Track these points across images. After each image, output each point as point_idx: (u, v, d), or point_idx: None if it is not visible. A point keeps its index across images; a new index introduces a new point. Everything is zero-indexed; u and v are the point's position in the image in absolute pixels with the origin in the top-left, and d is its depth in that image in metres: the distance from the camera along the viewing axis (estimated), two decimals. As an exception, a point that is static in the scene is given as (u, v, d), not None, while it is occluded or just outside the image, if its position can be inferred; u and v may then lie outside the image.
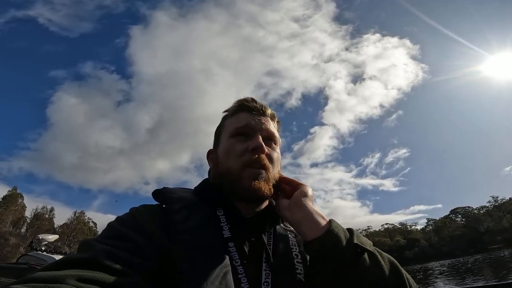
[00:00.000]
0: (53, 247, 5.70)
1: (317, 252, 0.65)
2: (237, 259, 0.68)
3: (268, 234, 0.80)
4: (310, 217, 0.70)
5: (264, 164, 0.79)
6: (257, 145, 0.79)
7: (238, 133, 0.84)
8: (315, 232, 0.67)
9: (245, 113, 0.87)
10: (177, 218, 0.71)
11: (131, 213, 0.73)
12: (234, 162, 0.80)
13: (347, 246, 0.62)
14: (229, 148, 0.83)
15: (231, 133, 0.85)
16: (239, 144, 0.82)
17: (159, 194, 0.80)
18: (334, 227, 0.66)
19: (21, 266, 4.69)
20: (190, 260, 0.62)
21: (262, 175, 0.78)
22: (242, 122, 0.85)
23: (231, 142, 0.83)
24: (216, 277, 0.61)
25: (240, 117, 0.87)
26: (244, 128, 0.84)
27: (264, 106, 0.90)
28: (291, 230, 0.85)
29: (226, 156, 0.82)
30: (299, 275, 0.73)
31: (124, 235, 0.63)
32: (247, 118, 0.86)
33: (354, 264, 0.61)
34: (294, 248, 0.79)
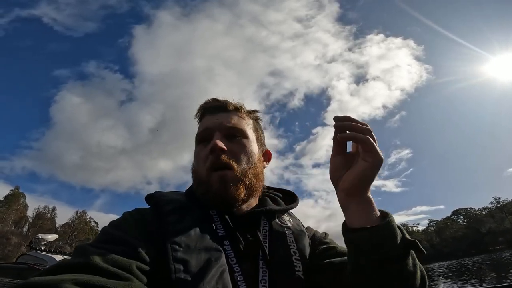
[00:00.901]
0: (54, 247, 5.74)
1: (365, 243, 0.60)
2: (233, 257, 0.68)
3: (263, 231, 0.78)
4: (369, 201, 0.65)
5: (226, 163, 0.77)
6: (212, 146, 0.77)
7: (200, 139, 0.84)
8: (368, 220, 0.62)
9: (207, 115, 0.87)
10: (170, 220, 0.71)
11: (124, 217, 0.73)
12: (201, 169, 0.80)
13: (402, 242, 0.60)
14: (196, 156, 0.84)
15: (196, 140, 0.86)
16: (203, 149, 0.82)
17: (151, 198, 0.80)
18: (392, 219, 0.62)
19: (20, 265, 4.71)
20: (185, 261, 0.62)
21: (227, 177, 0.76)
22: (202, 127, 0.85)
23: (197, 150, 0.84)
24: (212, 276, 0.61)
25: (203, 121, 0.87)
26: (204, 132, 0.84)
27: (226, 102, 0.88)
28: (288, 227, 0.83)
29: (196, 164, 0.83)
30: (298, 272, 0.71)
31: (118, 238, 0.63)
32: (207, 120, 0.85)
33: (401, 260, 0.59)
34: (292, 245, 0.78)
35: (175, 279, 0.58)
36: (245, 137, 0.85)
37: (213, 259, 0.64)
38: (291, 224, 0.86)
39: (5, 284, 3.96)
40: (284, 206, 0.88)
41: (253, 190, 0.81)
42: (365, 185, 0.65)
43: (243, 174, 0.79)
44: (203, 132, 0.84)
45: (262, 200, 0.87)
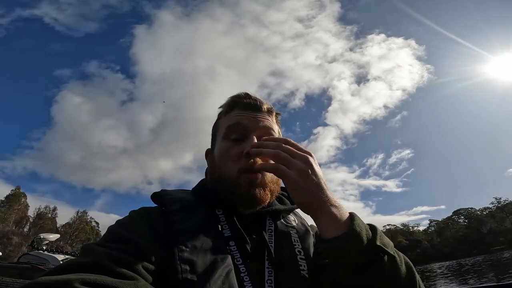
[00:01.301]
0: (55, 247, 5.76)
1: (335, 251, 0.60)
2: (238, 257, 0.67)
3: (269, 231, 0.78)
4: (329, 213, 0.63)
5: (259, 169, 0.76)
6: (249, 151, 0.76)
7: (231, 134, 0.81)
8: (334, 229, 0.61)
9: (238, 110, 0.84)
10: (176, 219, 0.71)
11: (131, 216, 0.73)
12: (230, 168, 0.78)
13: (368, 248, 0.58)
14: (223, 152, 0.81)
15: (224, 134, 0.83)
16: (233, 147, 0.80)
17: (157, 197, 0.79)
18: (357, 226, 0.60)
19: (22, 265, 4.74)
20: (192, 261, 0.61)
21: (258, 180, 0.76)
22: (234, 121, 0.82)
23: (225, 145, 0.81)
24: (218, 276, 0.60)
25: (233, 115, 0.84)
26: (236, 128, 0.81)
27: (259, 101, 0.86)
28: (293, 226, 0.84)
29: (221, 160, 0.81)
30: (302, 272, 0.71)
31: (125, 238, 0.63)
32: (240, 116, 0.83)
33: (372, 265, 0.58)
34: (296, 244, 0.78)
35: (182, 279, 0.58)
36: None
37: (219, 259, 0.64)
38: (296, 223, 0.86)
39: (8, 284, 4.00)
40: (290, 206, 0.88)
41: (274, 195, 0.81)
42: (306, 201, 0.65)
43: (270, 181, 0.79)
44: (236, 128, 0.81)
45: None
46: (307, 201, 0.64)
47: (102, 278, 0.48)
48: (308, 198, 0.64)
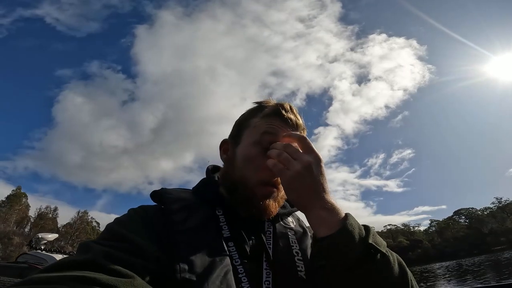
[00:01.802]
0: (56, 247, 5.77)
1: (327, 250, 0.60)
2: (237, 258, 0.68)
3: (267, 233, 0.79)
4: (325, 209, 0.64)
5: (277, 184, 0.77)
6: (269, 177, 0.76)
7: (264, 142, 0.78)
8: (327, 229, 0.62)
9: (277, 120, 0.81)
10: (176, 219, 0.71)
11: (129, 214, 0.73)
12: (250, 174, 0.77)
13: (360, 246, 0.59)
14: (249, 157, 0.79)
15: (256, 140, 0.80)
16: (261, 156, 0.77)
17: (157, 195, 0.79)
18: (349, 225, 0.61)
19: (20, 265, 4.74)
20: (190, 261, 0.62)
21: (274, 194, 0.77)
22: (273, 132, 0.79)
23: (253, 151, 0.79)
24: (217, 276, 0.61)
25: (271, 123, 0.81)
26: (270, 138, 0.78)
27: (298, 119, 0.85)
28: (291, 228, 0.85)
29: (244, 163, 0.79)
30: (300, 273, 0.72)
31: (122, 236, 0.62)
32: (279, 129, 0.80)
33: (364, 264, 0.58)
34: (294, 245, 0.78)
35: (180, 279, 0.58)
36: None
37: (218, 259, 0.64)
38: (294, 225, 0.87)
39: (6, 283, 4.01)
40: (290, 209, 0.89)
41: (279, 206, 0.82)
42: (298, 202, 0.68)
43: (281, 197, 0.80)
44: (270, 138, 0.78)
45: None
46: (300, 202, 0.67)
47: (98, 276, 0.48)
48: (301, 199, 0.66)
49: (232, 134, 0.88)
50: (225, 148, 0.89)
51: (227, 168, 0.85)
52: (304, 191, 0.65)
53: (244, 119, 0.88)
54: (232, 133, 0.89)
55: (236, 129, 0.88)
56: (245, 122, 0.86)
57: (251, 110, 0.88)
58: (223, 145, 0.90)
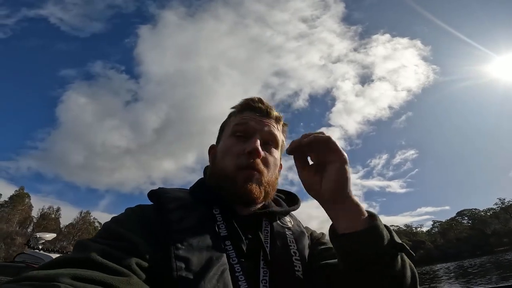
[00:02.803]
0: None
1: (351, 247, 0.61)
2: (234, 257, 0.68)
3: (265, 232, 0.79)
4: (355, 205, 0.66)
5: (258, 168, 0.79)
6: (252, 149, 0.78)
7: (237, 132, 0.84)
8: (353, 224, 0.63)
9: (248, 112, 0.87)
10: (173, 218, 0.71)
11: (126, 213, 0.73)
12: (229, 163, 0.80)
13: (389, 246, 0.60)
14: (227, 148, 0.83)
15: (231, 132, 0.85)
16: (237, 144, 0.82)
17: (154, 195, 0.80)
18: (379, 223, 0.62)
19: (18, 264, 4.76)
20: (187, 259, 0.62)
21: (255, 177, 0.78)
22: (243, 121, 0.85)
23: (230, 142, 0.84)
24: (213, 275, 0.61)
25: (243, 116, 0.86)
26: (243, 127, 0.84)
27: (270, 108, 0.89)
28: (288, 228, 0.85)
29: (223, 155, 0.83)
30: (297, 272, 0.72)
31: (119, 234, 0.63)
32: (249, 118, 0.85)
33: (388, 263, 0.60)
34: (292, 245, 0.79)
35: (177, 277, 0.59)
36: (277, 148, 0.88)
37: (215, 258, 0.65)
38: (292, 224, 0.87)
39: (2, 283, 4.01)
40: (286, 208, 0.90)
41: (268, 196, 0.83)
42: (344, 187, 0.66)
43: (266, 181, 0.81)
44: (244, 127, 0.84)
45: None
46: (340, 192, 0.66)
47: (94, 274, 0.48)
48: (341, 189, 0.66)
49: (217, 138, 0.93)
50: (212, 152, 0.92)
51: (211, 168, 0.88)
52: (346, 182, 0.66)
53: (223, 123, 0.94)
54: (217, 137, 0.93)
55: (219, 132, 0.93)
56: (223, 125, 0.93)
57: (229, 113, 0.93)
58: (211, 150, 0.93)
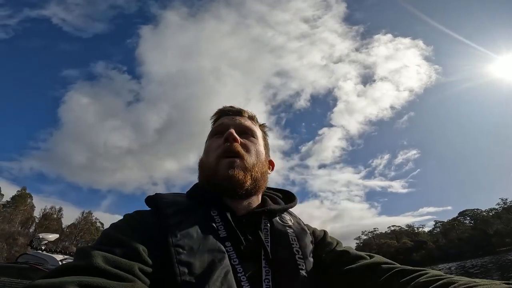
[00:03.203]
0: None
1: None
2: (235, 258, 0.68)
3: (264, 230, 0.79)
4: None
5: (238, 151, 0.83)
6: (227, 135, 0.84)
7: (215, 132, 0.91)
8: None
9: (223, 117, 0.96)
10: (172, 222, 0.71)
11: (125, 219, 0.73)
12: (211, 157, 0.85)
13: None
14: (208, 147, 0.90)
15: (210, 135, 0.93)
16: (216, 141, 0.88)
17: (151, 200, 0.80)
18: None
19: (21, 265, 4.77)
20: (189, 263, 0.62)
21: (236, 163, 0.81)
22: (219, 124, 0.94)
23: (210, 142, 0.91)
24: (217, 278, 0.61)
25: (217, 121, 0.96)
26: (219, 127, 0.92)
27: (242, 109, 0.98)
28: (289, 225, 0.85)
29: (206, 154, 0.89)
30: (301, 271, 0.72)
31: (119, 240, 0.63)
32: (223, 120, 0.94)
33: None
34: (294, 243, 0.79)
35: (181, 282, 0.59)
36: (255, 138, 0.93)
37: (217, 260, 0.65)
38: (292, 222, 0.88)
39: (6, 284, 4.03)
40: (284, 205, 0.91)
41: (257, 184, 0.84)
42: None
43: (251, 165, 0.83)
44: (219, 127, 0.92)
45: (263, 200, 0.89)
46: None
47: (99, 281, 0.49)
48: None
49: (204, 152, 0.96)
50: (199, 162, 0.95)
51: (200, 171, 0.91)
52: None
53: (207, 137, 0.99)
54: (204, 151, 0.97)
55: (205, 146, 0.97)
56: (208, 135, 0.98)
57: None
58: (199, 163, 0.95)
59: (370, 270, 0.73)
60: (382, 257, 0.78)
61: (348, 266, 0.76)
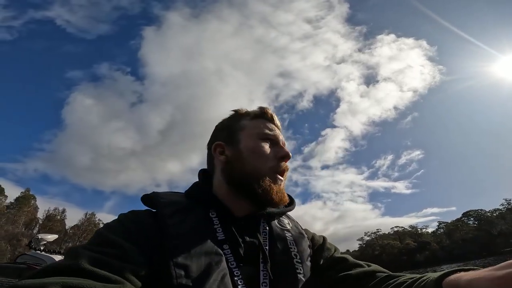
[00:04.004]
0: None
1: None
2: (232, 261, 0.67)
3: (263, 234, 0.79)
4: None
5: (285, 174, 0.86)
6: (287, 154, 0.85)
7: (266, 138, 0.87)
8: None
9: (267, 121, 0.92)
10: (170, 223, 0.70)
11: (120, 220, 0.71)
12: (262, 164, 0.82)
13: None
14: (258, 150, 0.84)
15: (259, 135, 0.87)
16: (269, 149, 0.85)
17: (148, 199, 0.79)
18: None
19: (19, 265, 4.80)
20: (186, 265, 0.61)
21: (279, 182, 0.83)
22: (269, 129, 0.89)
23: (261, 145, 0.85)
24: (214, 281, 0.60)
25: (264, 123, 0.90)
26: (272, 135, 0.88)
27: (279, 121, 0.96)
28: (288, 229, 0.85)
29: (254, 156, 0.83)
30: (299, 275, 0.72)
31: (112, 241, 0.61)
32: (272, 127, 0.91)
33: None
34: (292, 247, 0.79)
35: (177, 284, 0.58)
36: None
37: (214, 263, 0.64)
38: (290, 226, 0.88)
39: (4, 284, 4.05)
40: (283, 209, 0.90)
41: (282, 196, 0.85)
42: None
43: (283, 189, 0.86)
44: (270, 134, 0.88)
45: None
46: None
47: (85, 282, 0.47)
48: None
49: (223, 137, 0.91)
50: (220, 150, 0.90)
51: (231, 166, 0.85)
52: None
53: (232, 124, 0.93)
54: (222, 137, 0.92)
55: (226, 133, 0.92)
56: (235, 125, 0.92)
57: (236, 115, 0.95)
58: (217, 148, 0.90)
59: (368, 277, 0.74)
60: (379, 266, 0.80)
61: (346, 272, 0.77)
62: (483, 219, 75.61)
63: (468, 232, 74.58)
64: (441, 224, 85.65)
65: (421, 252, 73.39)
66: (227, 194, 0.82)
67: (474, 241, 69.52)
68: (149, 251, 0.63)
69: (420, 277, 0.62)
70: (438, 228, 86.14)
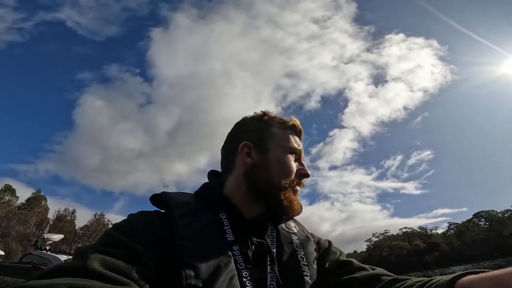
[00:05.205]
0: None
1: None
2: (241, 262, 0.68)
3: (271, 236, 0.80)
4: None
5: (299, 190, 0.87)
6: (308, 175, 0.88)
7: (292, 151, 0.88)
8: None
9: (294, 135, 0.92)
10: (179, 224, 0.70)
11: (129, 220, 0.71)
12: (287, 177, 0.83)
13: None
14: (286, 164, 0.85)
15: (289, 149, 0.88)
16: (295, 163, 0.87)
17: (159, 199, 0.79)
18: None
19: (25, 265, 4.89)
20: (195, 266, 0.61)
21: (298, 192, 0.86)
22: (297, 144, 0.91)
23: (289, 159, 0.87)
24: (222, 282, 0.61)
25: (293, 137, 0.91)
26: (298, 151, 0.90)
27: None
28: (294, 232, 0.87)
29: (281, 168, 0.84)
30: (306, 277, 0.73)
31: (120, 242, 0.61)
32: (299, 142, 0.92)
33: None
34: (299, 250, 0.80)
35: (186, 285, 0.58)
36: None
37: (223, 264, 0.64)
38: (297, 229, 0.90)
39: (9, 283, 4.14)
40: None
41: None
42: None
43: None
44: (297, 149, 0.90)
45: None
46: None
47: (92, 283, 0.48)
48: None
49: (253, 139, 0.89)
50: (247, 151, 0.88)
51: (256, 172, 0.85)
52: None
53: (263, 127, 0.91)
54: (252, 138, 0.90)
55: (256, 136, 0.90)
56: (266, 131, 0.90)
57: (263, 120, 0.93)
58: (244, 148, 0.88)
59: (373, 280, 0.75)
60: (384, 270, 0.81)
61: (351, 275, 0.78)
62: (494, 220, 74.32)
63: (479, 233, 73.38)
64: (452, 225, 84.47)
65: (430, 253, 72.47)
66: (243, 196, 0.82)
67: (485, 242, 68.37)
68: (158, 251, 0.63)
69: (429, 280, 0.61)
70: (448, 229, 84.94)
